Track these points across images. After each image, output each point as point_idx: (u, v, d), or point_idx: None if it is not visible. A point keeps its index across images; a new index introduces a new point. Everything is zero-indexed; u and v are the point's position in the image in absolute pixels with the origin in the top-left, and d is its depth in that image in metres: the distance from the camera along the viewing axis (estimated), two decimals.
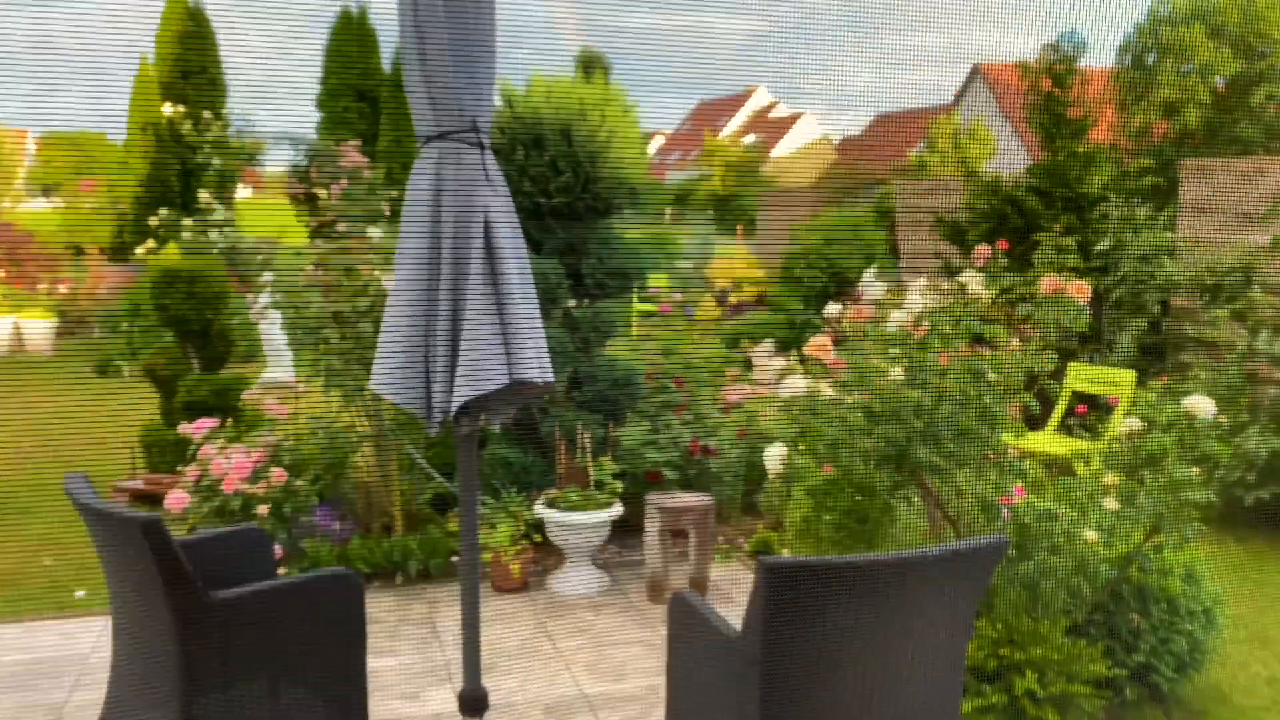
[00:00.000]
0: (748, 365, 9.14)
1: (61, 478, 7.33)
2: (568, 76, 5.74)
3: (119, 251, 15.32)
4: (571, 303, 5.76)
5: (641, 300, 14.90)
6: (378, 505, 5.62)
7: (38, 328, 12.74)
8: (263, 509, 5.03)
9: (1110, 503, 3.75)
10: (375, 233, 5.40)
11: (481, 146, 2.87)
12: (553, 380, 3.00)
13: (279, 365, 10.51)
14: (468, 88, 2.81)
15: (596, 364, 5.81)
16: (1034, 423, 6.37)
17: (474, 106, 2.84)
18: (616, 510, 5.26)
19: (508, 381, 2.82)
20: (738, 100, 53.38)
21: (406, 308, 2.82)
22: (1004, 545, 2.77)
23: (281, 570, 5.12)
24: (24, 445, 8.30)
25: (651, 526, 5.09)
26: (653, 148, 57.16)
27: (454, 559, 5.47)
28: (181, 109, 14.92)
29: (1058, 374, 6.48)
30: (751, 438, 5.93)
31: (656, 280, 14.80)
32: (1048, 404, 6.54)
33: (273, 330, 10.10)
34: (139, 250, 13.16)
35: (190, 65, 15.64)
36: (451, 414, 2.84)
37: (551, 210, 5.59)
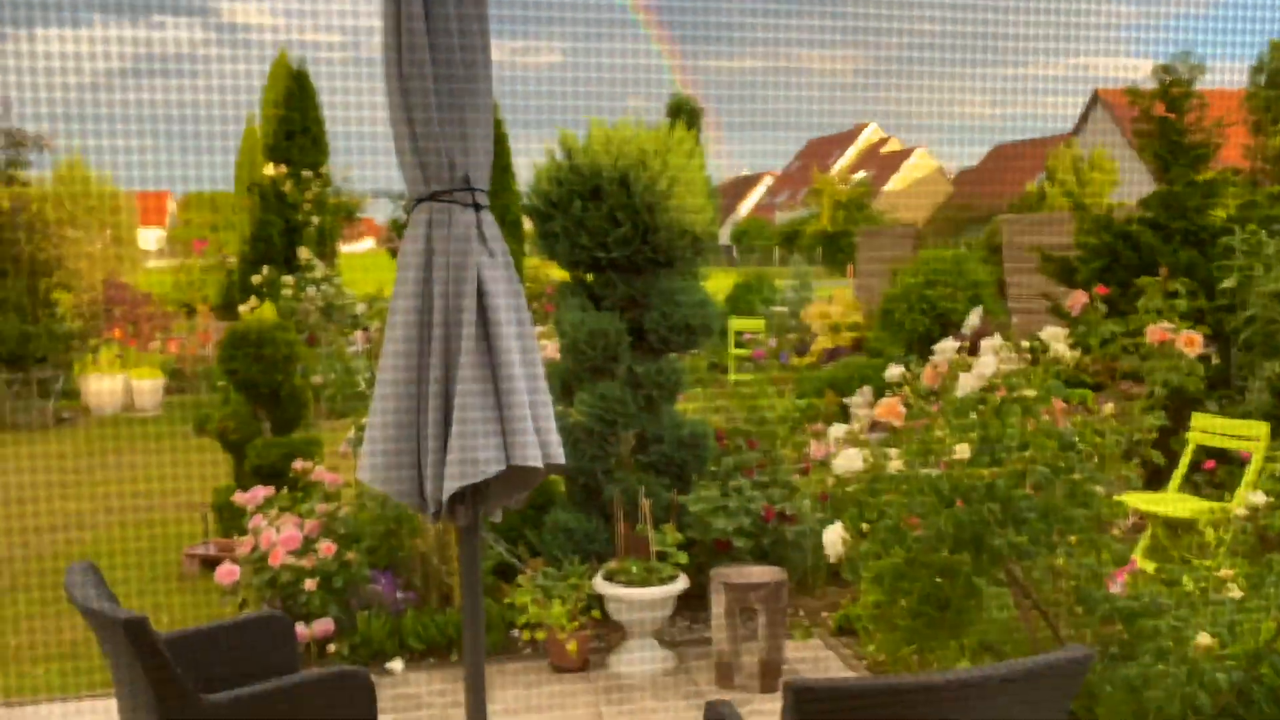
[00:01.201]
0: (844, 415, 8.65)
1: (130, 544, 7.32)
2: (629, 122, 5.44)
3: (227, 309, 15.79)
4: (635, 358, 5.45)
5: (737, 347, 14.52)
6: (435, 576, 5.38)
7: (147, 386, 13.13)
8: (310, 583, 4.84)
9: (1234, 590, 3.20)
10: None
11: (476, 206, 2.60)
12: (562, 461, 2.68)
13: None
14: (457, 142, 2.54)
15: (662, 423, 5.47)
16: (1157, 478, 5.74)
17: (465, 163, 2.57)
18: (679, 585, 4.88)
19: (504, 467, 2.51)
20: (848, 136, 52.76)
21: (395, 386, 2.55)
22: (1088, 660, 2.31)
23: (331, 647, 4.92)
24: (116, 505, 8.41)
25: (717, 604, 4.69)
26: (761, 188, 56.93)
27: (513, 632, 5.18)
28: (284, 168, 15.34)
29: (1179, 426, 5.85)
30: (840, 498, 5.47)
31: (748, 325, 14.39)
32: (1174, 457, 5.89)
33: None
34: (242, 308, 13.47)
35: (294, 125, 16.09)
36: (444, 504, 2.55)
37: (610, 263, 5.31)
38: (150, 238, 33.99)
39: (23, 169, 12.18)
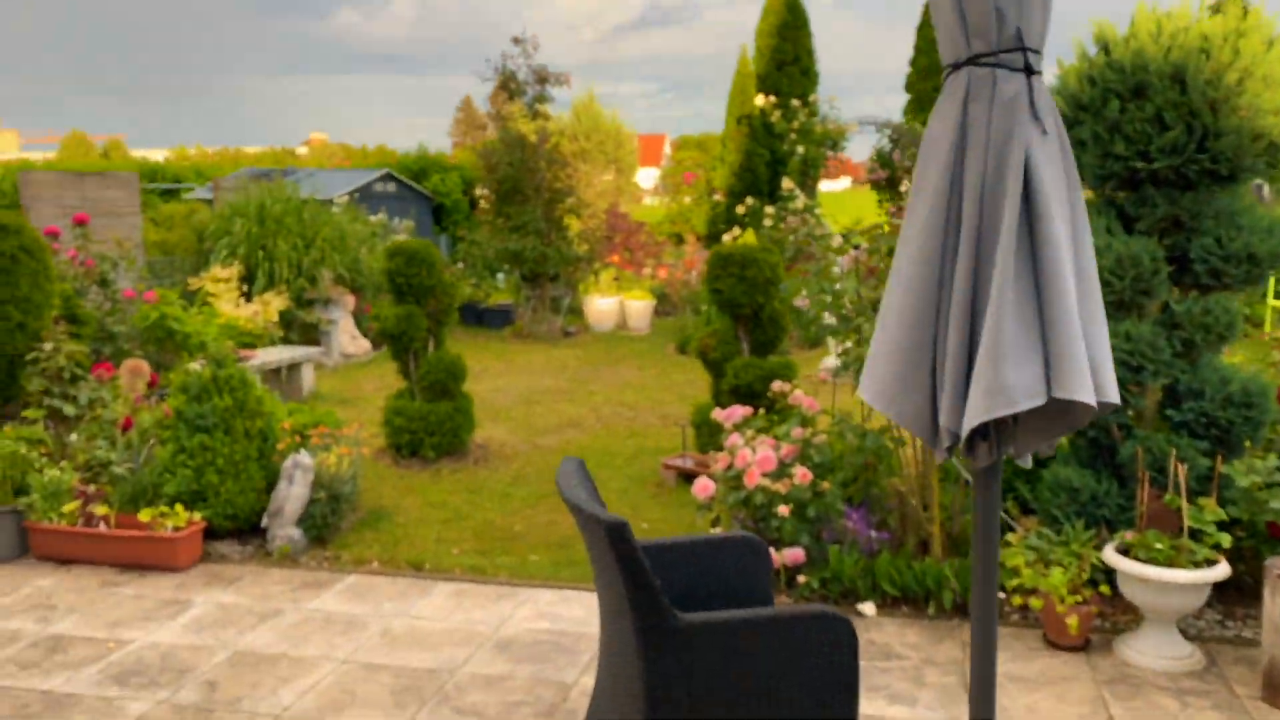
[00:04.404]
0: None
1: (615, 449, 7.70)
2: (1187, 7, 4.44)
3: (711, 239, 16.40)
4: (1173, 294, 4.52)
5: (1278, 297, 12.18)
6: (913, 519, 4.95)
7: (638, 307, 14.02)
8: (783, 509, 4.65)
9: None
10: None
11: (1028, 70, 2.07)
12: (1116, 401, 2.09)
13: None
14: None
15: (1203, 376, 4.49)
16: None
17: (1017, 15, 2.05)
18: (1219, 571, 3.98)
19: (1044, 400, 1.99)
20: None
21: (908, 292, 2.13)
22: None
23: (801, 578, 4.72)
24: (606, 413, 9.00)
25: (1272, 602, 3.75)
26: None
27: (999, 594, 4.62)
28: (773, 99, 15.43)
29: None
30: None
31: None
32: None
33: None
34: (726, 238, 13.86)
35: (785, 56, 16.11)
36: (961, 439, 2.10)
37: (1151, 177, 4.41)
38: (648, 176, 36.67)
39: (546, 103, 13.40)
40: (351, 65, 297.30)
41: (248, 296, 11.41)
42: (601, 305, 14.10)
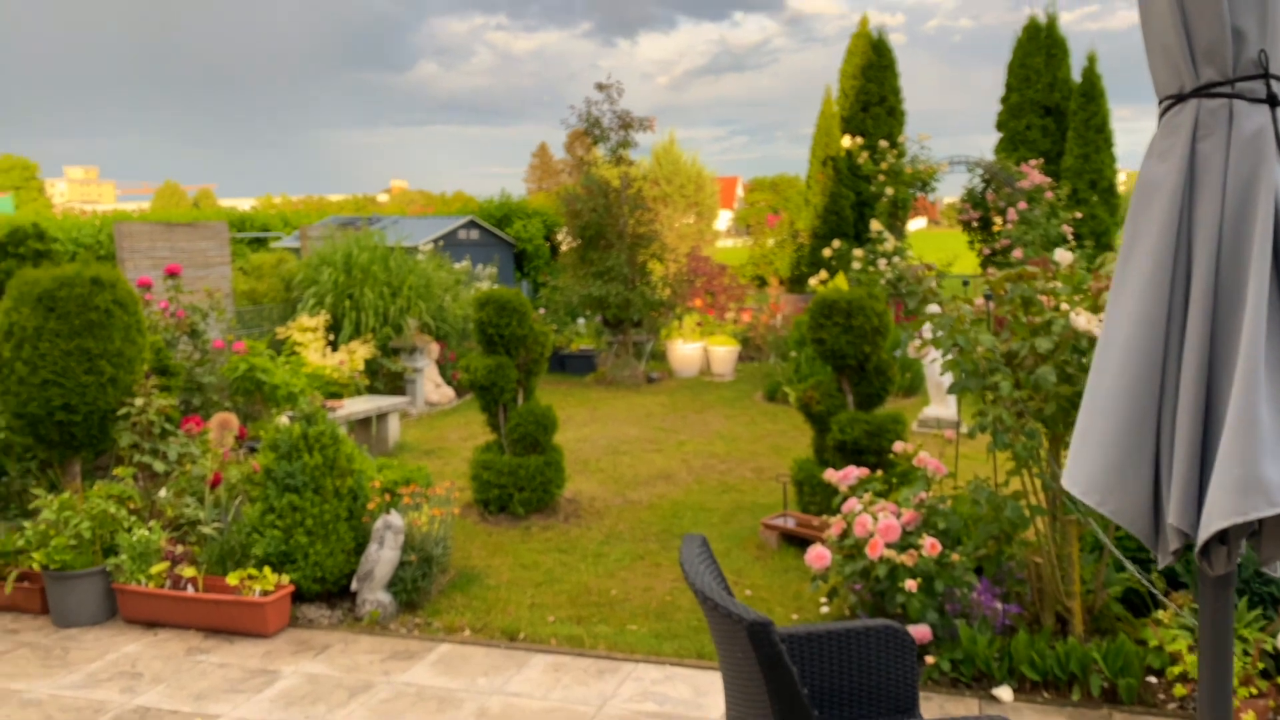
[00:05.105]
0: None
1: (710, 504, 7.34)
2: None
3: (795, 282, 16.04)
4: None
5: None
6: (1050, 593, 4.52)
7: (722, 352, 13.71)
8: (910, 584, 4.27)
9: None
10: (1064, 255, 4.32)
11: (1274, 102, 1.74)
12: None
13: (941, 401, 9.79)
14: (1251, 11, 1.70)
15: None
16: None
17: (1259, 38, 1.72)
18: None
19: None
20: None
21: (1125, 363, 1.80)
22: None
23: (929, 659, 4.32)
24: (696, 464, 8.67)
25: None
26: None
27: (1149, 678, 4.16)
28: (859, 140, 15.09)
29: None
30: None
31: None
32: None
33: (937, 364, 9.44)
34: (812, 281, 13.50)
35: (870, 97, 15.78)
36: (1197, 545, 1.74)
37: None
38: (722, 218, 36.55)
39: (629, 149, 13.26)
40: (431, 115, 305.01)
41: (334, 345, 11.38)
42: (685, 350, 13.82)
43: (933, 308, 4.86)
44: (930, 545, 4.30)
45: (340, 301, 11.64)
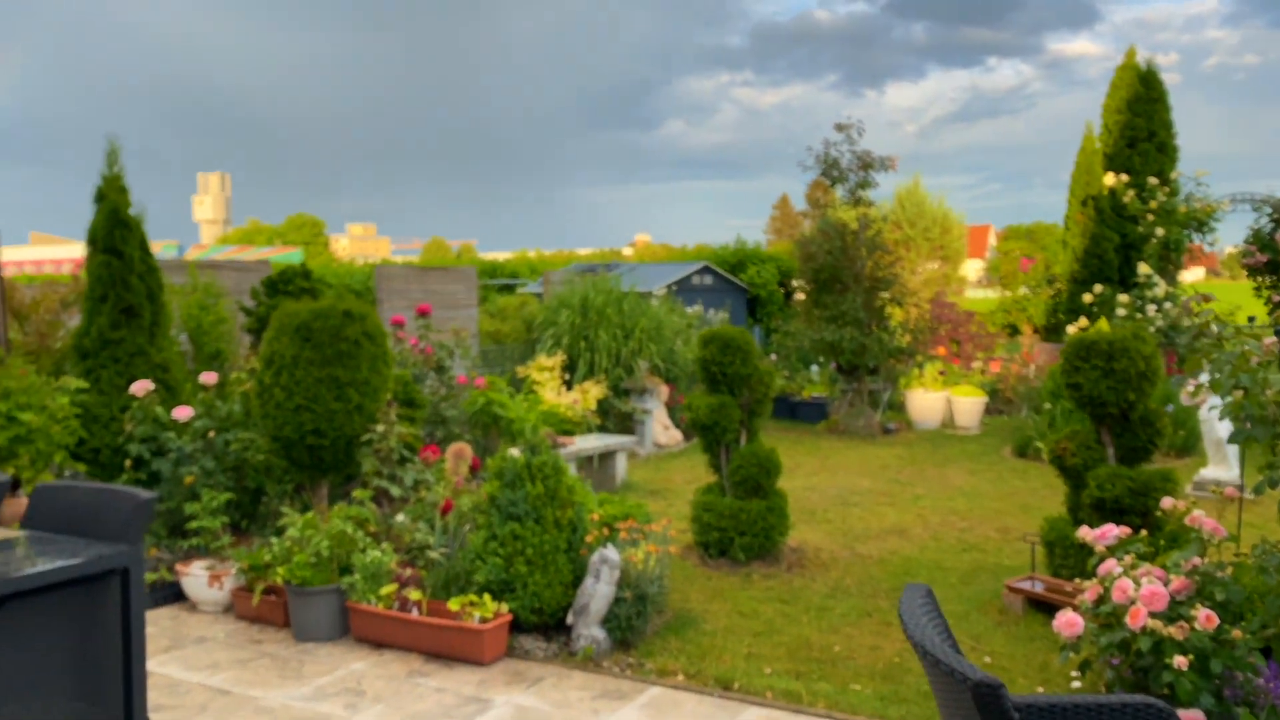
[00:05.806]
0: None
1: (948, 564, 6.83)
2: None
3: (1051, 330, 14.95)
4: None
5: None
6: None
7: (967, 403, 12.94)
8: (1180, 661, 3.69)
9: None
10: None
11: None
12: None
13: (1221, 462, 8.71)
14: None
15: None
16: None
17: None
18: None
19: None
20: None
21: None
22: None
23: None
24: (933, 520, 8.13)
25: None
26: None
27: None
28: (1124, 178, 13.95)
29: None
30: None
31: None
32: None
33: (1215, 419, 8.42)
34: (1070, 328, 12.53)
35: (1138, 132, 14.58)
36: None
37: None
38: (972, 268, 35.08)
39: (869, 189, 12.87)
40: (676, 171, 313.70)
41: (569, 384, 11.65)
42: (926, 401, 13.14)
43: (1211, 329, 4.26)
44: (1205, 617, 3.71)
45: (576, 342, 11.93)
